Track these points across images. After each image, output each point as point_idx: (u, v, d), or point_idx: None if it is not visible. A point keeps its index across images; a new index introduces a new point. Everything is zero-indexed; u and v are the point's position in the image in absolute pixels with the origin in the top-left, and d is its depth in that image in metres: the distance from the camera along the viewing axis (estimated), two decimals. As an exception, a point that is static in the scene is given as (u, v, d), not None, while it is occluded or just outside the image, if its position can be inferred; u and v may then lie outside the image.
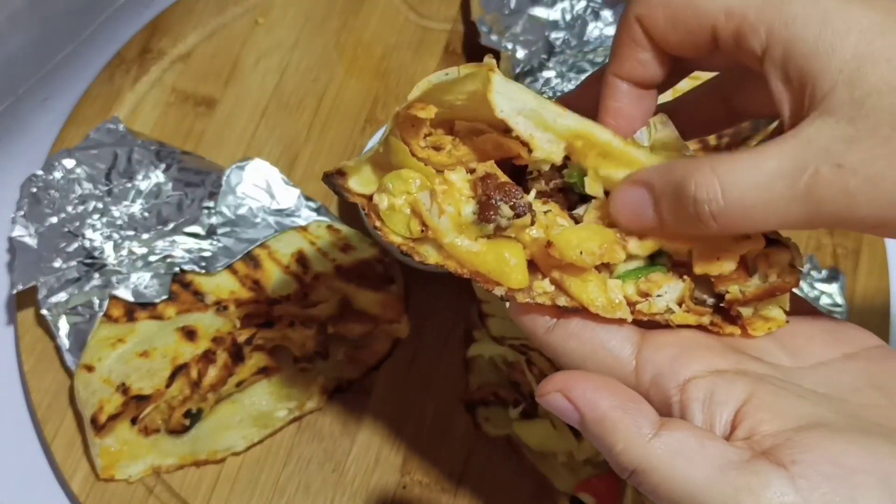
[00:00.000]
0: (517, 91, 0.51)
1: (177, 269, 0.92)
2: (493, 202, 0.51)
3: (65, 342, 0.91)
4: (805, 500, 0.43)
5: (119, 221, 0.95)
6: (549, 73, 1.00)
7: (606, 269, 0.53)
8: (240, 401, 0.92)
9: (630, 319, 0.52)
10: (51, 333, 0.94)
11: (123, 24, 1.11)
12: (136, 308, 0.91)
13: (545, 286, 0.52)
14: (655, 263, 0.53)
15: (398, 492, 0.92)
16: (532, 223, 0.52)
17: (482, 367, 0.94)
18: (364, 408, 0.95)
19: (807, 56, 0.45)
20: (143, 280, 0.92)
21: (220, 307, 0.91)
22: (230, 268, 0.92)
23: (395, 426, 0.94)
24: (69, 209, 0.95)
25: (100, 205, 0.95)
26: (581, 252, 0.50)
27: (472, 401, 0.94)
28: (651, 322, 0.53)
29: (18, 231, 0.94)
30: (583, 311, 0.52)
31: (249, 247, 0.93)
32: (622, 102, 0.54)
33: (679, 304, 0.53)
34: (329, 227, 0.96)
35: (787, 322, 0.53)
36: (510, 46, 1.03)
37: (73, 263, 0.92)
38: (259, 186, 0.97)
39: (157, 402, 0.89)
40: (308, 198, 0.98)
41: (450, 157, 0.53)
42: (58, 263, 0.92)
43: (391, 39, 1.13)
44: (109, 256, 0.93)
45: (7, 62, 1.01)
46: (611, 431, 0.47)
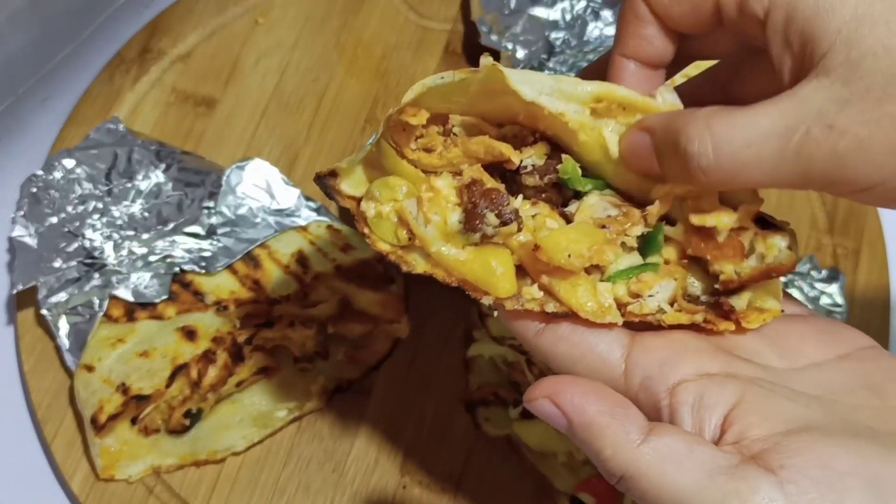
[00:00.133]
0: (530, 74, 0.51)
1: (177, 269, 0.92)
2: (479, 211, 0.51)
3: (65, 342, 0.91)
4: None
5: (119, 221, 0.95)
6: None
7: (597, 271, 0.53)
8: (240, 401, 0.92)
9: (620, 323, 0.52)
10: (51, 333, 0.94)
11: (123, 24, 1.11)
12: (136, 308, 0.91)
13: (534, 292, 0.52)
14: (647, 264, 0.53)
15: (398, 492, 0.92)
16: (519, 230, 0.52)
17: (482, 367, 0.94)
18: (364, 408, 0.95)
19: (807, 18, 0.46)
20: (143, 280, 0.92)
21: (220, 307, 0.91)
22: (230, 268, 0.92)
23: (395, 426, 0.94)
24: (69, 209, 0.95)
25: (100, 205, 0.95)
26: (569, 255, 0.50)
27: (472, 401, 0.94)
28: (642, 323, 0.53)
29: (18, 231, 0.94)
30: (573, 316, 0.52)
31: (249, 247, 0.93)
32: (629, 83, 0.54)
33: (671, 304, 0.53)
34: (329, 227, 0.96)
35: (783, 312, 0.53)
36: (510, 46, 1.03)
37: (73, 263, 0.92)
38: (259, 186, 0.97)
39: (157, 402, 0.89)
40: (308, 198, 0.98)
41: (440, 160, 0.53)
42: (58, 263, 0.92)
43: (391, 39, 1.13)
44: (109, 256, 0.93)
45: (7, 62, 1.01)
46: (598, 437, 0.47)
